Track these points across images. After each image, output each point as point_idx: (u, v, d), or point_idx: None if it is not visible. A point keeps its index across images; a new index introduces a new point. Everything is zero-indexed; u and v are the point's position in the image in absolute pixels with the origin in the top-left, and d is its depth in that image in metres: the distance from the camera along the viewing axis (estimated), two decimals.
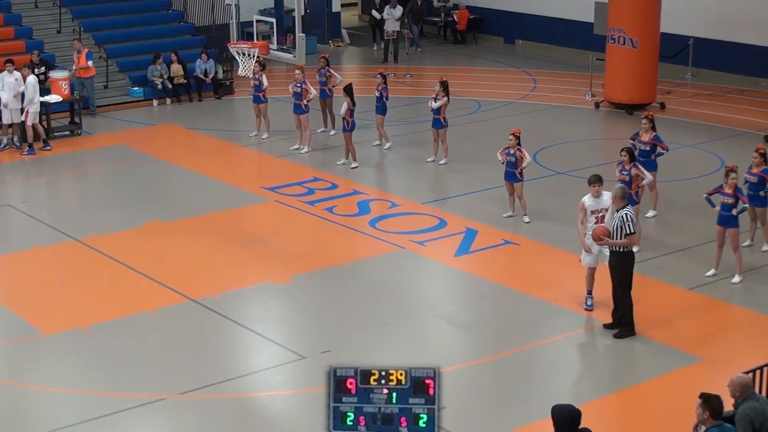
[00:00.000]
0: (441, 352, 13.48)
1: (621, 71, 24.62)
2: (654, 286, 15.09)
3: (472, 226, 17.57)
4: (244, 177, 20.81)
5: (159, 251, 16.82)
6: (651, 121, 17.68)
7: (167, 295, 15.10)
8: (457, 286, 15.91)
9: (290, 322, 14.76)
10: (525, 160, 17.40)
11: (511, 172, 17.51)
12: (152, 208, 18.89)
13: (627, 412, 12.21)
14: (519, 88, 27.52)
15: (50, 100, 23.73)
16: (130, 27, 28.60)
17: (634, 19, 24.36)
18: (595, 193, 14.21)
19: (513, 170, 17.48)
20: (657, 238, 17.03)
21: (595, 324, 13.96)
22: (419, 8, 32.49)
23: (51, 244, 17.24)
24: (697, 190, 17.54)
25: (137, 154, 22.33)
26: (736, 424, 9.13)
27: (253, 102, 23.05)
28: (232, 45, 23.23)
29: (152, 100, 26.45)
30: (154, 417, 12.06)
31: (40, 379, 12.86)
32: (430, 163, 21.06)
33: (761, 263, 15.94)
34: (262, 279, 15.71)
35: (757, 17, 27.15)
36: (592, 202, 14.28)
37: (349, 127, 20.73)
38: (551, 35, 31.97)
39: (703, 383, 10.78)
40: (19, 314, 14.67)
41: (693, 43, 27.85)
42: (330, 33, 33.65)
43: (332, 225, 17.89)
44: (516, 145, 17.40)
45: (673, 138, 20.79)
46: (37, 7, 28.19)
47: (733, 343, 13.82)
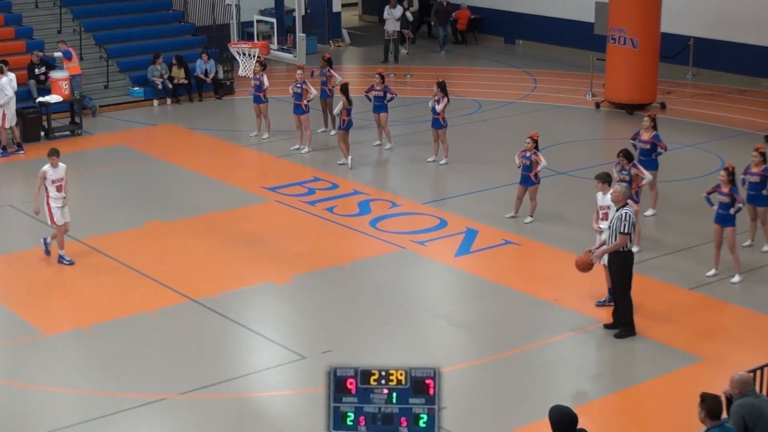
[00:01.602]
0: (441, 352, 13.48)
1: (621, 71, 24.63)
2: (654, 286, 15.09)
3: (472, 226, 17.57)
4: (244, 177, 20.81)
5: (160, 251, 16.82)
6: (653, 120, 17.70)
7: (168, 295, 15.10)
8: (457, 286, 15.91)
9: (290, 322, 14.76)
10: (540, 164, 17.39)
11: (526, 175, 17.50)
12: (153, 209, 18.90)
13: (627, 412, 12.21)
14: (519, 88, 27.52)
15: (50, 100, 23.75)
16: (131, 27, 28.61)
17: (635, 19, 24.36)
18: (599, 189, 14.46)
19: (528, 173, 17.47)
20: (657, 237, 17.03)
21: (596, 324, 13.96)
22: (445, 10, 32.25)
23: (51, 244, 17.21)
24: (698, 190, 17.55)
25: (138, 155, 22.34)
26: (730, 418, 9.17)
27: (254, 102, 23.06)
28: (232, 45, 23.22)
29: (152, 100, 26.45)
30: (154, 417, 12.06)
31: (41, 379, 12.86)
32: (430, 163, 21.07)
33: (761, 263, 15.94)
34: (263, 279, 15.71)
35: (758, 17, 27.15)
36: (599, 196, 14.51)
37: (345, 125, 20.76)
38: (552, 35, 31.98)
39: (704, 383, 10.77)
40: (19, 314, 14.68)
41: (693, 43, 27.86)
42: (330, 33, 33.66)
43: (333, 225, 17.89)
44: (533, 148, 17.39)
45: (673, 138, 20.81)
46: (38, 7, 28.19)
47: (733, 343, 13.81)
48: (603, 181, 14.43)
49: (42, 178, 16.19)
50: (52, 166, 16.20)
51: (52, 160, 16.21)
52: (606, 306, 14.24)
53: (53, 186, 16.13)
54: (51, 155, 16.28)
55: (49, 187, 16.14)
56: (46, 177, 16.16)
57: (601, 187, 14.41)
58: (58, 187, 16.16)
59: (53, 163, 16.20)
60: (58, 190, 16.15)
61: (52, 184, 16.13)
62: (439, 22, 32.25)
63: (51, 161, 16.22)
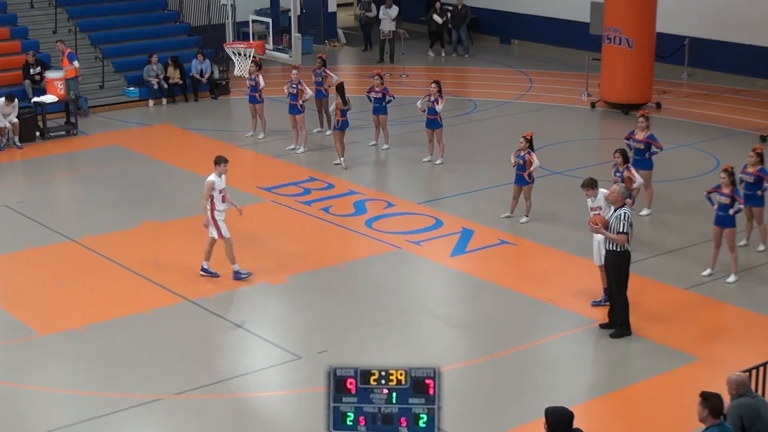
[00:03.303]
0: (436, 352, 13.48)
1: (617, 71, 24.64)
2: (650, 286, 15.10)
3: (468, 226, 17.57)
4: (240, 177, 20.75)
5: (155, 251, 16.79)
6: (648, 119, 17.72)
7: (163, 296, 15.08)
8: (453, 286, 15.90)
9: (286, 322, 14.75)
10: (533, 163, 17.39)
11: (520, 174, 17.50)
12: (148, 209, 18.87)
13: (623, 412, 12.21)
14: (515, 88, 27.52)
15: (46, 100, 23.72)
16: (126, 27, 28.58)
17: (630, 19, 24.37)
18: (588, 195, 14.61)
19: (522, 173, 17.47)
20: (653, 238, 17.04)
21: (592, 324, 13.96)
22: (459, 13, 32.06)
23: (47, 244, 17.21)
24: (693, 190, 17.59)
25: (133, 155, 22.31)
26: (727, 418, 9.19)
27: (249, 102, 23.03)
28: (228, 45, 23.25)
29: (148, 100, 26.41)
30: (150, 417, 12.04)
31: (36, 379, 12.84)
32: (426, 163, 21.06)
33: (757, 263, 15.96)
34: (259, 279, 15.69)
35: (753, 17, 27.17)
36: (588, 202, 14.68)
37: (340, 125, 20.76)
38: (547, 35, 31.98)
39: (699, 383, 10.78)
40: (14, 315, 14.65)
41: (689, 42, 27.87)
42: (326, 33, 33.64)
43: (328, 225, 17.88)
44: (526, 148, 17.40)
45: (668, 138, 20.82)
46: (33, 7, 28.16)
47: (728, 342, 13.83)
48: (591, 187, 14.56)
49: (209, 189, 15.04)
50: (218, 175, 15.08)
51: (221, 168, 15.11)
52: (602, 306, 14.25)
53: (220, 196, 15.11)
54: (220, 163, 15.12)
55: (216, 198, 15.07)
56: (214, 187, 15.04)
57: (591, 193, 14.56)
58: (224, 197, 15.20)
59: (221, 171, 15.11)
60: (223, 200, 15.17)
61: (219, 195, 15.13)
62: (455, 25, 31.96)
63: (219, 170, 15.10)
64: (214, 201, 15.14)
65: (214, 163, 15.29)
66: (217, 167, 15.22)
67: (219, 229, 15.26)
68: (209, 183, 15.10)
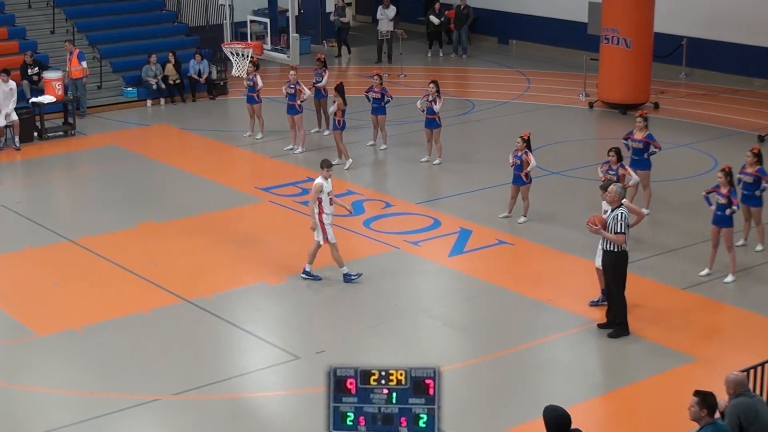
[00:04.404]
0: (435, 352, 13.47)
1: (615, 71, 24.65)
2: (648, 286, 15.10)
3: (466, 226, 17.57)
4: (238, 177, 20.79)
5: (153, 252, 16.79)
6: (646, 119, 17.73)
7: (161, 296, 15.08)
8: (451, 286, 15.90)
9: (284, 322, 14.75)
10: (530, 164, 17.38)
11: (518, 175, 17.50)
12: (146, 209, 18.86)
13: (621, 412, 12.22)
14: (513, 88, 27.53)
15: (44, 100, 23.70)
16: (124, 27, 28.57)
17: (628, 19, 24.39)
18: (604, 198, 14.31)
19: (519, 173, 17.47)
20: (651, 237, 17.04)
21: (590, 324, 13.97)
22: (461, 13, 32.01)
23: (45, 244, 17.20)
24: (691, 190, 17.59)
25: (131, 155, 22.30)
26: (725, 418, 9.19)
27: (247, 102, 23.03)
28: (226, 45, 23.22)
29: (146, 100, 26.40)
30: (148, 418, 12.03)
31: (34, 379, 12.83)
32: (424, 163, 21.06)
33: (754, 263, 15.96)
34: (257, 279, 15.69)
35: (750, 17, 27.19)
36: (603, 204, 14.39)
37: (340, 126, 20.76)
38: (545, 35, 31.99)
39: (697, 383, 10.75)
40: (12, 315, 14.63)
41: (686, 42, 27.90)
42: (324, 33, 33.64)
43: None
44: (524, 148, 17.39)
45: (666, 137, 20.83)
46: (31, 7, 28.15)
47: (726, 342, 13.84)
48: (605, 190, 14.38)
49: (317, 191, 14.90)
50: (325, 178, 14.97)
51: (326, 172, 14.99)
52: (599, 306, 14.25)
53: (328, 199, 14.96)
54: (326, 167, 15.00)
55: (324, 201, 14.91)
56: (322, 190, 14.90)
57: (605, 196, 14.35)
58: (332, 200, 15.08)
59: (327, 174, 15.01)
60: (330, 203, 15.03)
61: (327, 197, 14.97)
62: (457, 25, 31.91)
63: (325, 173, 14.98)
64: (321, 204, 15.00)
65: (320, 167, 15.18)
66: (322, 171, 15.08)
67: (326, 233, 15.10)
68: (317, 186, 14.96)
